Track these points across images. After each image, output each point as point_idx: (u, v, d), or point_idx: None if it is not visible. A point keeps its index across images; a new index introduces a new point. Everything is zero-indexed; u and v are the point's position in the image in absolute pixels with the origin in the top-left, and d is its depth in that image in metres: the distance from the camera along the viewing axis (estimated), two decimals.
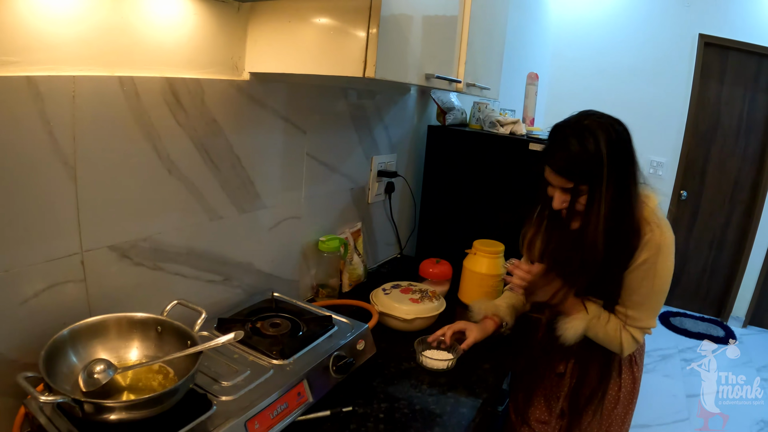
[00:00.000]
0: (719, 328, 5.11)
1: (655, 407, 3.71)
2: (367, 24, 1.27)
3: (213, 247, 1.56)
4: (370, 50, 1.28)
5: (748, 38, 4.66)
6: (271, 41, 1.46)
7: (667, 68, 4.84)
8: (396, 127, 2.38)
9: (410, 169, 2.61)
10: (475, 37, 1.85)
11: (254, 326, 1.49)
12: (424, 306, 1.78)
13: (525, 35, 4.21)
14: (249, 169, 1.61)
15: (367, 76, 1.28)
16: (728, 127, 4.92)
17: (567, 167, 1.42)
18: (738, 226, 5.11)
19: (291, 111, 1.73)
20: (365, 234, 2.29)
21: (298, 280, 1.95)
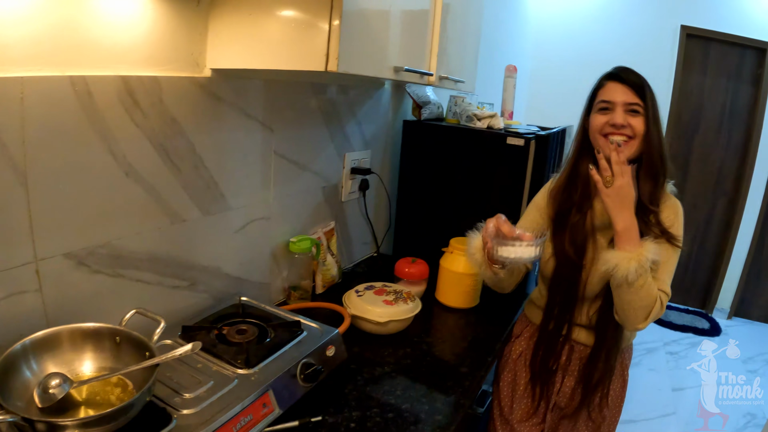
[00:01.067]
0: (704, 320, 5.16)
1: (640, 402, 3.72)
2: (329, 15, 1.22)
3: (176, 251, 1.52)
4: (333, 43, 1.23)
5: (730, 29, 4.70)
6: (232, 36, 1.41)
7: (649, 60, 4.86)
8: (370, 122, 2.34)
9: (386, 165, 2.57)
10: (448, 28, 1.81)
11: (220, 333, 1.45)
12: (398, 308, 1.74)
13: (505, 27, 4.19)
14: (213, 170, 1.56)
15: (329, 70, 1.24)
16: (711, 118, 4.97)
17: (638, 81, 1.53)
18: (722, 217, 5.16)
19: (257, 108, 1.68)
20: (339, 233, 2.26)
21: (269, 283, 1.91)
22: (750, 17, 4.68)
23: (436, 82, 1.83)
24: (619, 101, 1.52)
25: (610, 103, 1.54)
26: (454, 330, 1.93)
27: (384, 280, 2.04)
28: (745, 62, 4.83)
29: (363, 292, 1.82)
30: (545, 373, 1.74)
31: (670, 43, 4.85)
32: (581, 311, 1.68)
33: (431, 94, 2.63)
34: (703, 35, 4.80)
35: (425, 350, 1.72)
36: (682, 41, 4.82)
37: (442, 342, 1.82)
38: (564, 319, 1.69)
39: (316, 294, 2.04)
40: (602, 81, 1.60)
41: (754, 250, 5.10)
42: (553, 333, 1.71)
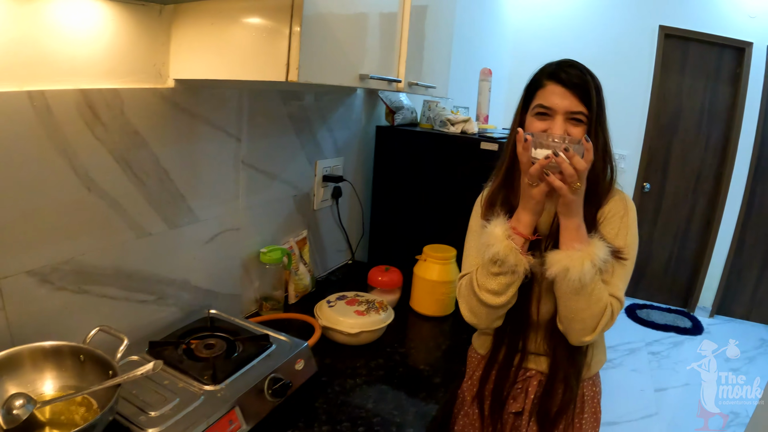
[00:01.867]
0: (686, 319, 5.21)
1: (623, 403, 3.75)
2: (289, 24, 1.22)
3: (143, 265, 1.51)
4: (293, 52, 1.22)
5: (708, 29, 4.76)
6: (195, 46, 1.40)
7: (628, 60, 4.91)
8: (342, 129, 2.34)
9: (359, 172, 2.57)
10: (417, 33, 1.82)
11: (188, 348, 1.44)
12: (369, 318, 1.74)
13: (481, 29, 4.21)
14: (178, 182, 1.56)
15: (290, 80, 1.23)
16: (690, 118, 5.03)
17: (582, 82, 1.35)
18: (702, 216, 5.22)
19: (222, 118, 1.68)
20: (312, 242, 2.25)
21: (240, 294, 1.90)
22: (728, 17, 4.75)
23: (405, 89, 1.84)
24: (560, 109, 1.35)
25: (549, 110, 1.37)
26: (428, 339, 1.93)
27: (358, 289, 2.05)
28: (724, 62, 4.89)
29: (334, 302, 1.82)
30: (498, 408, 1.58)
31: (648, 43, 4.91)
32: (536, 334, 1.53)
33: (405, 99, 2.64)
34: (681, 35, 4.86)
35: (398, 360, 1.72)
36: (660, 41, 4.87)
37: (416, 351, 1.82)
38: (516, 345, 1.53)
39: (289, 304, 2.04)
40: (541, 80, 1.41)
41: (735, 248, 5.17)
42: (504, 363, 1.55)
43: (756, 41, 4.72)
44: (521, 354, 1.54)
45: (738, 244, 5.17)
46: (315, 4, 1.25)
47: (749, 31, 4.72)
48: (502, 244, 1.34)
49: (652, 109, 4.99)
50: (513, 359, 1.54)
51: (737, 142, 4.89)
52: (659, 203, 5.28)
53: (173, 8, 1.41)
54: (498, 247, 1.34)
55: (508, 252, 1.33)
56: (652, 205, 5.31)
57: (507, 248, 1.34)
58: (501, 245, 1.34)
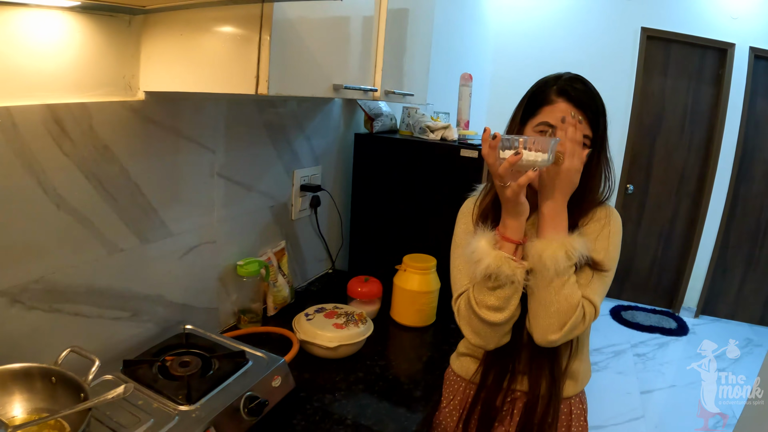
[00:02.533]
0: (671, 320, 5.24)
1: (608, 406, 3.76)
2: (258, 34, 1.20)
3: (116, 282, 1.49)
4: (263, 64, 1.21)
5: (690, 30, 4.81)
6: (164, 58, 1.38)
7: (611, 62, 4.94)
8: (320, 137, 2.33)
9: (338, 180, 2.56)
10: (393, 41, 1.82)
11: (163, 365, 1.42)
12: (348, 332, 1.73)
13: (462, 34, 4.21)
14: (150, 196, 1.54)
15: (260, 93, 1.21)
16: (673, 119, 5.08)
17: (591, 101, 1.33)
18: (686, 217, 5.26)
19: (195, 130, 1.66)
20: (291, 252, 2.24)
21: (217, 308, 1.89)
22: (710, 18, 4.79)
23: (382, 98, 1.83)
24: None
25: (555, 128, 1.32)
26: (409, 350, 1.93)
27: (339, 299, 2.05)
28: (706, 63, 4.94)
29: (313, 315, 1.81)
30: None
31: (630, 45, 4.95)
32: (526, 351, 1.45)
33: (384, 105, 2.63)
34: (663, 37, 4.90)
35: (378, 374, 1.71)
36: (642, 43, 4.91)
37: (397, 364, 1.81)
38: (507, 366, 1.46)
39: (268, 316, 2.03)
40: (549, 94, 1.35)
41: (719, 249, 5.22)
42: (494, 386, 1.48)
43: (738, 42, 4.77)
44: (511, 374, 1.47)
45: (722, 243, 5.22)
46: (286, 13, 1.24)
47: (731, 32, 4.77)
48: (491, 256, 1.26)
49: (635, 111, 5.03)
50: (503, 382, 1.47)
51: (720, 143, 4.94)
52: (643, 204, 5.31)
53: (143, 19, 1.39)
54: (487, 261, 1.26)
55: (500, 263, 1.26)
56: (635, 207, 5.34)
57: (498, 259, 1.26)
58: (490, 258, 1.26)
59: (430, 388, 1.66)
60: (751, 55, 4.77)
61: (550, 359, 1.41)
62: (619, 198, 5.17)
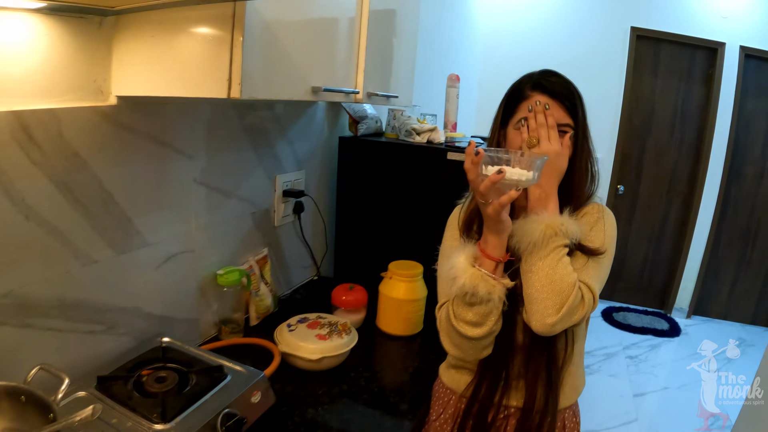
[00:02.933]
0: (663, 321, 5.25)
1: (601, 410, 3.74)
2: (230, 35, 1.16)
3: (90, 294, 1.44)
4: (235, 66, 1.16)
5: (680, 30, 4.82)
6: (136, 61, 1.33)
7: (600, 62, 4.94)
8: (303, 141, 2.28)
9: (322, 185, 2.52)
10: (376, 41, 1.78)
11: (138, 380, 1.38)
12: (331, 343, 1.69)
13: (451, 34, 4.19)
14: (125, 205, 1.49)
15: (232, 96, 1.17)
16: (663, 119, 5.09)
17: (567, 92, 1.32)
18: (677, 217, 5.27)
19: (171, 135, 1.61)
20: (274, 260, 2.20)
21: (197, 319, 1.84)
22: (700, 17, 4.80)
23: (364, 100, 1.79)
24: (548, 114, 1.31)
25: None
26: (395, 361, 1.88)
27: (323, 307, 2.02)
28: (696, 62, 4.94)
29: (295, 326, 1.76)
30: None
31: (620, 45, 4.95)
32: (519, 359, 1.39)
33: (369, 108, 2.59)
34: (653, 36, 4.91)
35: (363, 386, 1.66)
36: (632, 43, 4.91)
37: (382, 375, 1.77)
38: (499, 376, 1.40)
39: (251, 326, 1.98)
40: (524, 90, 1.35)
41: (710, 249, 5.23)
42: (486, 398, 1.41)
43: (728, 41, 4.77)
44: (504, 385, 1.41)
45: (713, 244, 5.23)
46: (259, 12, 1.19)
47: (721, 31, 4.77)
48: (467, 274, 1.22)
49: (625, 111, 5.02)
50: (495, 393, 1.41)
51: (711, 143, 4.94)
52: (633, 205, 5.31)
53: (114, 20, 1.34)
54: (462, 279, 1.22)
55: (476, 282, 1.21)
56: (626, 208, 5.33)
57: (474, 278, 1.22)
58: (466, 276, 1.22)
59: (417, 401, 1.62)
60: (742, 54, 4.77)
61: (546, 365, 1.36)
62: (609, 199, 5.17)
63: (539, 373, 1.36)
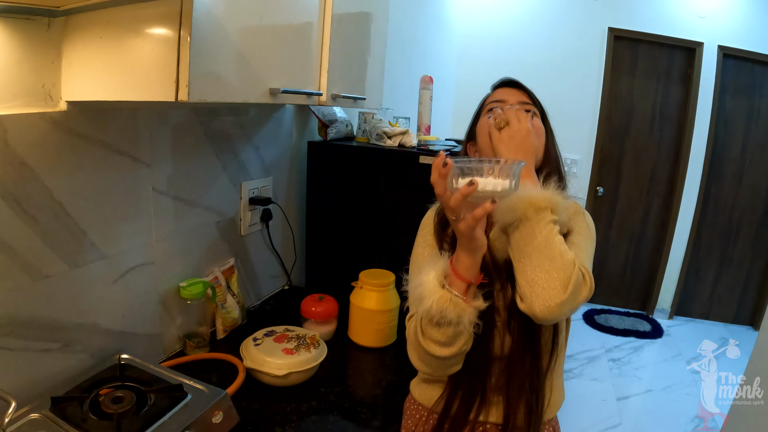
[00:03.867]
0: (645, 323, 5.27)
1: (584, 415, 3.73)
2: (177, 34, 1.10)
3: (42, 311, 1.38)
4: (182, 67, 1.10)
5: (658, 30, 4.87)
6: (85, 63, 1.28)
7: (578, 64, 4.96)
8: (270, 146, 2.23)
9: (291, 191, 2.47)
10: (341, 42, 1.73)
11: (95, 400, 1.32)
12: (299, 358, 1.63)
13: (425, 37, 4.16)
14: (77, 216, 1.43)
15: (180, 99, 1.11)
16: (642, 120, 5.13)
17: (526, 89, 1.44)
18: (657, 218, 5.30)
19: (127, 142, 1.55)
20: (241, 270, 2.15)
21: (160, 333, 1.78)
22: (678, 17, 4.83)
23: (329, 102, 1.74)
24: (513, 100, 1.38)
25: (502, 102, 1.37)
26: (367, 374, 1.84)
27: (294, 318, 1.98)
28: (674, 62, 4.98)
29: (261, 339, 1.71)
30: None
31: (598, 45, 4.96)
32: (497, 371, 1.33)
33: (339, 111, 2.55)
34: (631, 37, 4.94)
35: (334, 402, 1.62)
36: (610, 44, 4.93)
37: (354, 390, 1.72)
38: (474, 390, 1.33)
39: (218, 340, 1.93)
40: (490, 92, 1.48)
41: (691, 249, 5.27)
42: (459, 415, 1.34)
43: (706, 41, 4.81)
44: (480, 398, 1.33)
45: (694, 243, 5.26)
46: (209, 10, 1.14)
47: (699, 31, 4.80)
48: (435, 296, 1.12)
49: (603, 112, 5.03)
50: (470, 409, 1.33)
51: (690, 143, 4.97)
52: (613, 206, 5.32)
53: (63, 21, 1.29)
54: (430, 301, 1.13)
55: (443, 305, 1.11)
56: (606, 209, 5.34)
57: (442, 300, 1.12)
58: (434, 297, 1.12)
59: (390, 416, 1.57)
60: (720, 54, 4.80)
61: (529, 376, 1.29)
62: (589, 200, 5.17)
63: (521, 386, 1.29)
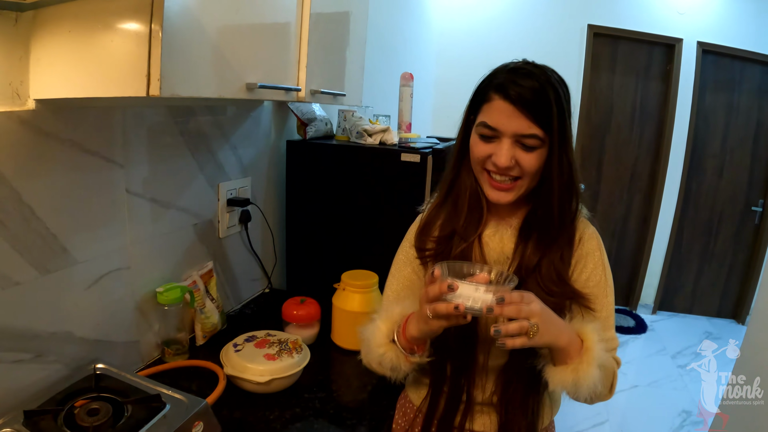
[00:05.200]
0: (629, 318, 5.33)
1: (571, 413, 3.72)
2: (148, 27, 1.06)
3: (13, 320, 1.32)
4: (154, 60, 1.06)
5: (637, 27, 4.91)
6: (54, 60, 1.23)
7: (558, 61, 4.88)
8: (248, 146, 2.18)
9: (270, 192, 2.42)
10: (320, 36, 1.70)
11: (70, 413, 1.27)
12: (281, 363, 1.59)
13: (405, 35, 4.15)
14: (48, 220, 1.37)
15: (152, 94, 1.07)
16: (622, 116, 5.17)
17: (537, 99, 1.11)
18: (638, 214, 5.34)
19: (100, 142, 1.50)
20: (221, 274, 2.10)
21: (137, 341, 1.73)
22: (657, 14, 4.87)
23: (308, 98, 1.71)
24: (507, 131, 1.14)
25: (494, 131, 1.15)
26: (352, 378, 1.79)
27: (275, 322, 1.94)
28: (654, 59, 5.02)
29: (242, 345, 1.66)
30: None
31: (577, 43, 4.98)
32: (484, 381, 1.29)
33: (318, 109, 2.51)
34: (610, 34, 4.96)
35: (318, 408, 1.57)
36: (589, 41, 4.95)
37: (338, 395, 1.68)
38: (459, 395, 1.29)
39: (197, 346, 1.88)
40: (488, 91, 1.18)
41: (673, 244, 5.32)
42: (446, 417, 1.31)
43: (685, 37, 4.85)
44: (466, 406, 1.29)
45: (676, 239, 5.32)
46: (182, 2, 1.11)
47: (678, 27, 4.84)
48: (380, 351, 1.20)
49: (584, 110, 5.05)
50: (456, 413, 1.30)
51: (670, 138, 5.01)
52: (595, 203, 5.33)
53: (32, 16, 1.24)
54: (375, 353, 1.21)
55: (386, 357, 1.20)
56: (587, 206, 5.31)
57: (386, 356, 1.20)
58: (379, 351, 1.21)
59: (377, 421, 1.54)
60: (699, 50, 4.85)
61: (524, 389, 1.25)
62: None
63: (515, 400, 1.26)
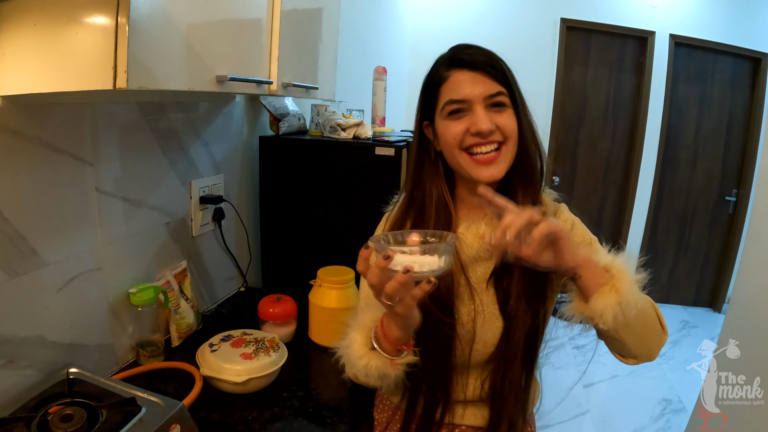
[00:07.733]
0: None
1: (552, 404, 3.75)
2: (114, 18, 1.03)
3: None
4: (120, 53, 1.03)
5: (610, 20, 4.97)
6: (19, 54, 1.19)
7: (531, 54, 5.01)
8: (220, 142, 2.16)
9: (244, 188, 2.40)
10: (292, 28, 1.68)
11: (44, 419, 1.24)
12: (258, 362, 1.57)
13: (378, 30, 4.16)
14: (16, 221, 1.34)
15: (119, 87, 1.04)
16: (596, 109, 5.22)
17: (491, 60, 1.17)
18: (613, 205, 5.40)
19: (68, 140, 1.46)
20: (195, 273, 2.07)
21: (112, 344, 1.69)
22: (629, 7, 4.93)
23: (280, 91, 1.69)
24: (476, 96, 1.14)
25: (464, 103, 1.15)
26: (330, 375, 1.77)
27: (252, 321, 1.93)
28: (627, 52, 5.09)
29: (218, 345, 1.64)
30: None
31: (550, 36, 5.03)
32: (465, 379, 1.29)
33: (290, 104, 2.49)
34: (583, 27, 5.01)
35: (297, 407, 1.56)
36: (562, 34, 5.00)
37: (318, 393, 1.66)
38: (435, 395, 1.27)
39: (173, 347, 1.85)
40: (441, 72, 1.21)
41: (649, 234, 5.40)
42: (425, 416, 1.28)
43: (658, 30, 4.91)
44: (443, 405, 1.28)
45: (651, 229, 5.39)
46: None
47: (651, 20, 4.91)
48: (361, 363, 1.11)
49: (557, 102, 5.09)
50: (434, 411, 1.28)
51: (644, 130, 5.08)
52: (570, 195, 5.35)
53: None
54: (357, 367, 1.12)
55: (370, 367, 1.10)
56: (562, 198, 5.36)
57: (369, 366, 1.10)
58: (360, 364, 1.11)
59: (358, 419, 1.53)
60: (672, 43, 4.92)
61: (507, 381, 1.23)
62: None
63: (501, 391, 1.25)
